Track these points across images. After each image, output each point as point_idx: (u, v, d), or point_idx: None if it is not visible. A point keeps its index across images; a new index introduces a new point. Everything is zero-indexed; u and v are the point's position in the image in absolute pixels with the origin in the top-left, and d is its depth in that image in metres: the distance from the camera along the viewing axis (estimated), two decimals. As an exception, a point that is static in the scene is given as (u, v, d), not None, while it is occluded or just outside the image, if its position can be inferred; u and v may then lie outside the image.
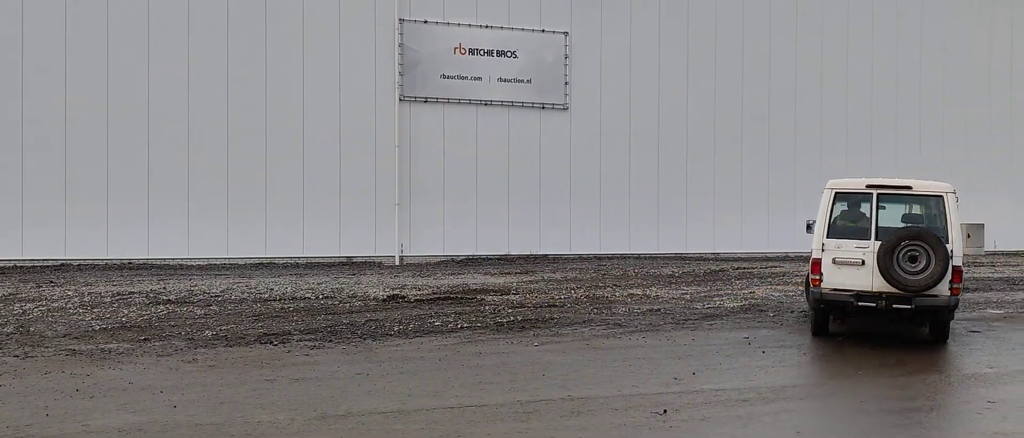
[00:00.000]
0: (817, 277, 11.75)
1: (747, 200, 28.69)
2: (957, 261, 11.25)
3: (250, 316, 13.44)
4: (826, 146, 29.61)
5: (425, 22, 25.57)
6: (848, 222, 12.02)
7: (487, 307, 14.51)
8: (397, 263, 24.90)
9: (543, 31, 26.58)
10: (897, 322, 12.61)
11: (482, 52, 26.11)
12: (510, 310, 14.13)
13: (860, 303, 11.36)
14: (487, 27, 26.10)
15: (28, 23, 22.70)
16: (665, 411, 7.82)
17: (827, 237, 11.79)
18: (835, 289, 11.57)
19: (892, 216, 12.12)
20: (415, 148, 25.60)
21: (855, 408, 8.23)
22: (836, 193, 12.04)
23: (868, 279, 11.42)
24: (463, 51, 25.98)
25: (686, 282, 19.17)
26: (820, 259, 11.76)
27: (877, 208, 11.77)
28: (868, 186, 11.92)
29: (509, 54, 26.31)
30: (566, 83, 26.82)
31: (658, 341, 11.55)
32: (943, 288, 11.23)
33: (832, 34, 29.78)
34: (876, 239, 11.53)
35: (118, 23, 23.29)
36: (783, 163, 29.14)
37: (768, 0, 28.95)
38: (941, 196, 11.74)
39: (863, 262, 11.48)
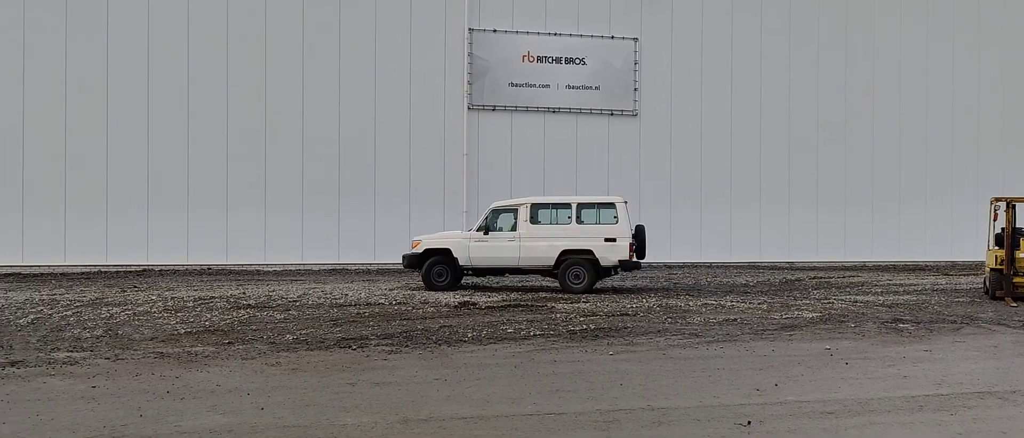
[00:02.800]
0: None
1: (823, 207, 28.17)
2: None
3: (328, 321, 13.66)
4: (906, 150, 28.90)
5: (494, 31, 25.73)
6: None
7: (558, 315, 14.50)
8: (466, 270, 25.03)
9: (612, 37, 26.53)
10: None
11: (550, 59, 26.17)
12: (582, 318, 14.10)
13: None
14: (556, 35, 26.14)
15: (114, 38, 23.46)
16: (749, 422, 7.70)
17: None
18: None
19: None
20: (483, 155, 25.75)
21: (936, 422, 8.01)
22: None
23: None
24: (531, 59, 26.07)
25: (761, 291, 18.90)
26: None
27: None
28: None
29: (577, 61, 26.32)
30: (635, 89, 26.70)
31: (736, 351, 11.39)
32: None
33: (909, 43, 29.08)
34: None
35: (198, 42, 23.92)
36: (860, 169, 28.54)
37: (845, 3, 28.40)
38: None
39: None
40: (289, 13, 24.34)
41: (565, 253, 18.52)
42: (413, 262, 18.94)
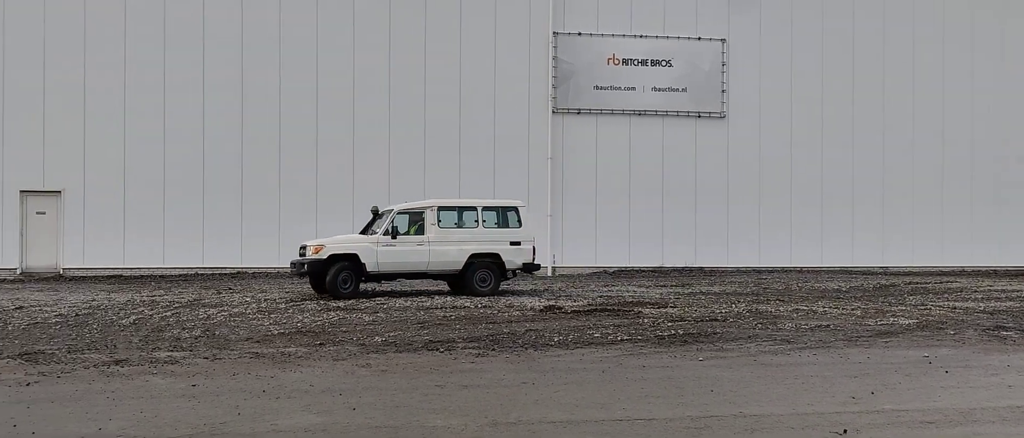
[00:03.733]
0: None
1: (919, 210, 27.28)
2: None
3: (415, 323, 13.83)
4: (1011, 149, 27.76)
5: (579, 34, 25.69)
6: None
7: (646, 320, 14.38)
8: (550, 274, 25.05)
9: (699, 39, 26.21)
10: None
11: (636, 62, 26.00)
12: (670, 323, 13.95)
13: None
14: (641, 37, 25.96)
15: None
16: (845, 431, 7.50)
17: None
18: None
19: None
20: (567, 159, 25.73)
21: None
22: None
23: None
24: (617, 61, 25.95)
25: (855, 297, 18.40)
26: None
27: None
28: None
29: (664, 63, 26.09)
30: (723, 91, 26.33)
31: (830, 358, 11.12)
32: None
33: (1013, 47, 27.93)
34: None
35: (290, 49, 24.52)
36: (959, 172, 27.53)
37: (943, 1, 27.45)
38: None
39: None
40: (376, 18, 24.75)
41: (473, 257, 18.42)
42: (315, 268, 17.73)
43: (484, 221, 18.85)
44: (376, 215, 18.93)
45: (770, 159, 26.60)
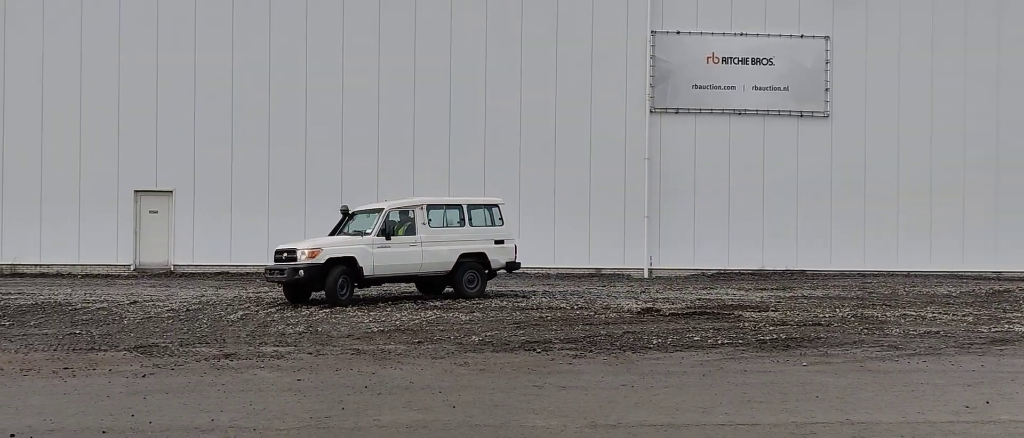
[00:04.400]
0: None
1: (1035, 214, 25.96)
2: None
3: (511, 324, 13.90)
4: None
5: (677, 33, 25.40)
6: None
7: (746, 324, 14.11)
8: (646, 276, 24.83)
9: (801, 36, 25.59)
10: None
11: (736, 60, 25.54)
12: (771, 327, 13.66)
13: None
14: (742, 35, 25.49)
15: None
16: (960, 442, 7.22)
17: None
18: None
19: None
20: (665, 159, 25.43)
21: None
22: None
23: None
24: (716, 60, 25.54)
25: (966, 303, 17.67)
26: None
27: None
28: None
29: (764, 61, 25.55)
30: (827, 89, 25.65)
31: (941, 366, 10.70)
32: None
33: None
34: None
35: (389, 54, 24.97)
36: (1079, 173, 26.13)
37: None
38: None
39: None
40: (472, 19, 24.94)
41: (462, 257, 17.64)
42: (313, 274, 16.10)
43: (471, 219, 18.12)
44: (346, 215, 17.93)
45: (876, 159, 25.75)
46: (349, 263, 16.46)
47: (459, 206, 18.28)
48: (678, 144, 25.49)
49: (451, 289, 17.93)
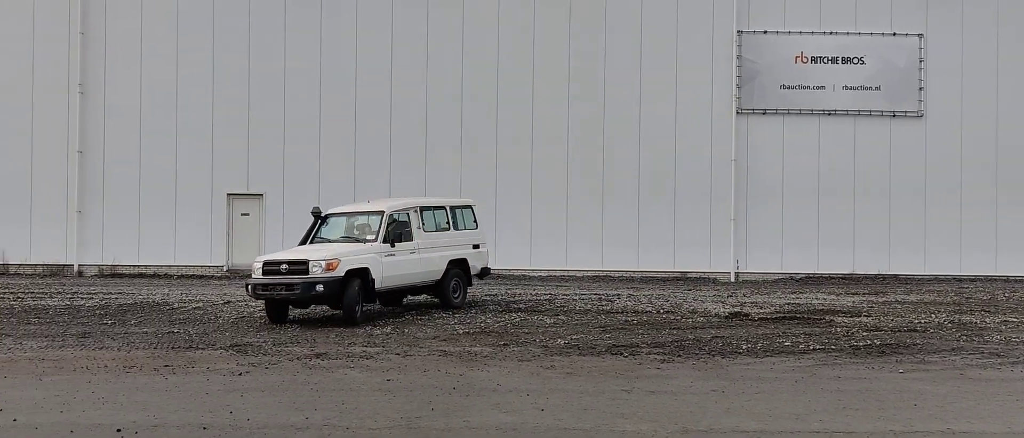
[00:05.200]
0: None
1: None
2: None
3: (597, 327, 13.83)
4: None
5: (764, 33, 24.94)
6: None
7: (838, 329, 13.76)
8: (733, 280, 24.44)
9: (894, 34, 24.85)
10: None
11: (825, 60, 24.95)
12: (865, 333, 13.30)
13: None
14: (831, 33, 24.89)
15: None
16: (1072, 455, 6.91)
17: None
18: None
19: None
20: (752, 161, 24.99)
21: None
22: None
23: None
24: (804, 60, 24.98)
25: (1072, 309, 16.90)
26: None
27: None
28: None
29: (855, 60, 24.90)
30: (920, 89, 24.85)
31: (1048, 375, 10.26)
32: None
33: None
34: None
35: (473, 59, 25.16)
36: None
37: None
38: None
39: None
40: (555, 18, 24.92)
41: (450, 264, 16.08)
42: (333, 289, 13.70)
43: (455, 222, 16.66)
44: (319, 218, 15.88)
45: (972, 159, 24.81)
46: (362, 275, 14.30)
47: (443, 207, 16.72)
48: (766, 145, 25.01)
49: (437, 299, 16.38)
